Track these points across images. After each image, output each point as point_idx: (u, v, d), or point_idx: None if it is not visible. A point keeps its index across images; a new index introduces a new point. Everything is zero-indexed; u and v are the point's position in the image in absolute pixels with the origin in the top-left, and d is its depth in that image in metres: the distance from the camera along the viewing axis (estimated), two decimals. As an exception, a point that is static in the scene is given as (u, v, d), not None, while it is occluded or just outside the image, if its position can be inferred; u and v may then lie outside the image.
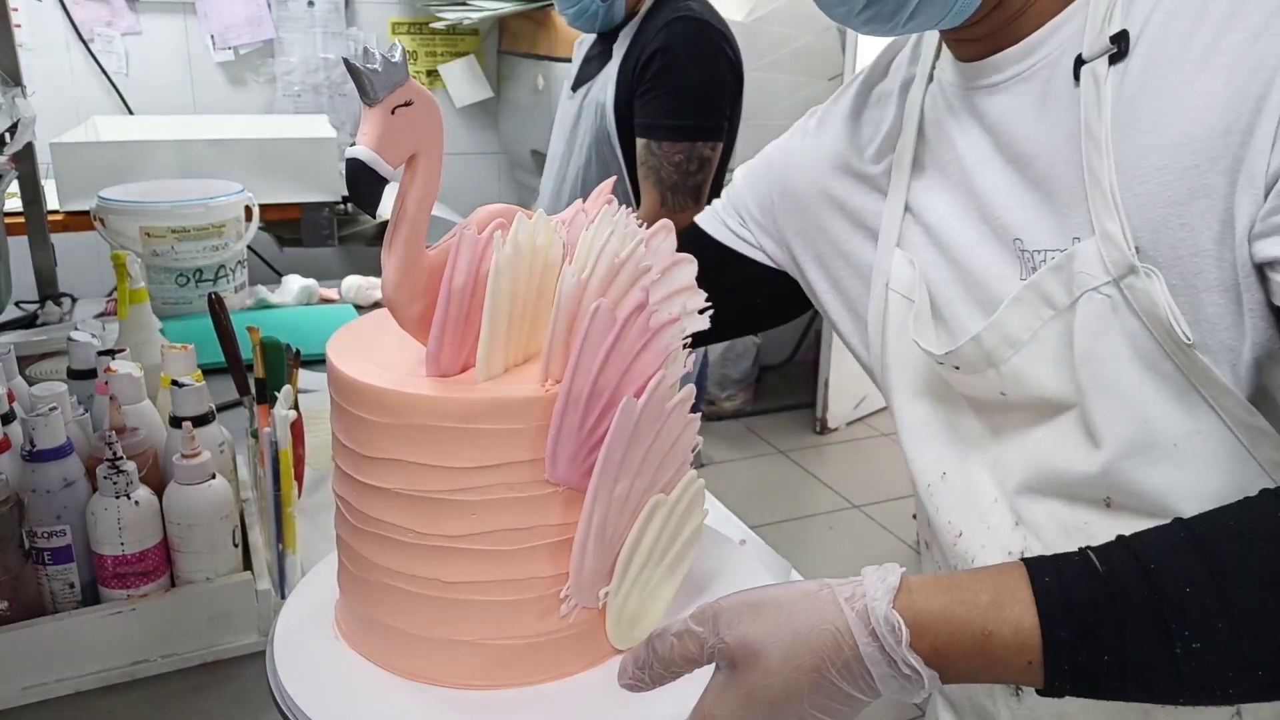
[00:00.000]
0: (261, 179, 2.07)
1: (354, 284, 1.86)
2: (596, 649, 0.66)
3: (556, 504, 0.61)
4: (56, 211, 2.03)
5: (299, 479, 1.03)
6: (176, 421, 0.91)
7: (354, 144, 0.57)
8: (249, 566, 0.91)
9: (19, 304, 1.79)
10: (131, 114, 2.90)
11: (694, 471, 0.68)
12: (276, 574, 0.91)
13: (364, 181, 0.56)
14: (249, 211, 1.81)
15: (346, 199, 2.30)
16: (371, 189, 0.57)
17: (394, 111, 0.57)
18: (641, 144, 1.75)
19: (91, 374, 1.07)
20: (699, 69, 1.72)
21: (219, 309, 1.12)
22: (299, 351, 1.05)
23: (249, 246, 1.85)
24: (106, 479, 0.82)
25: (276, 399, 0.92)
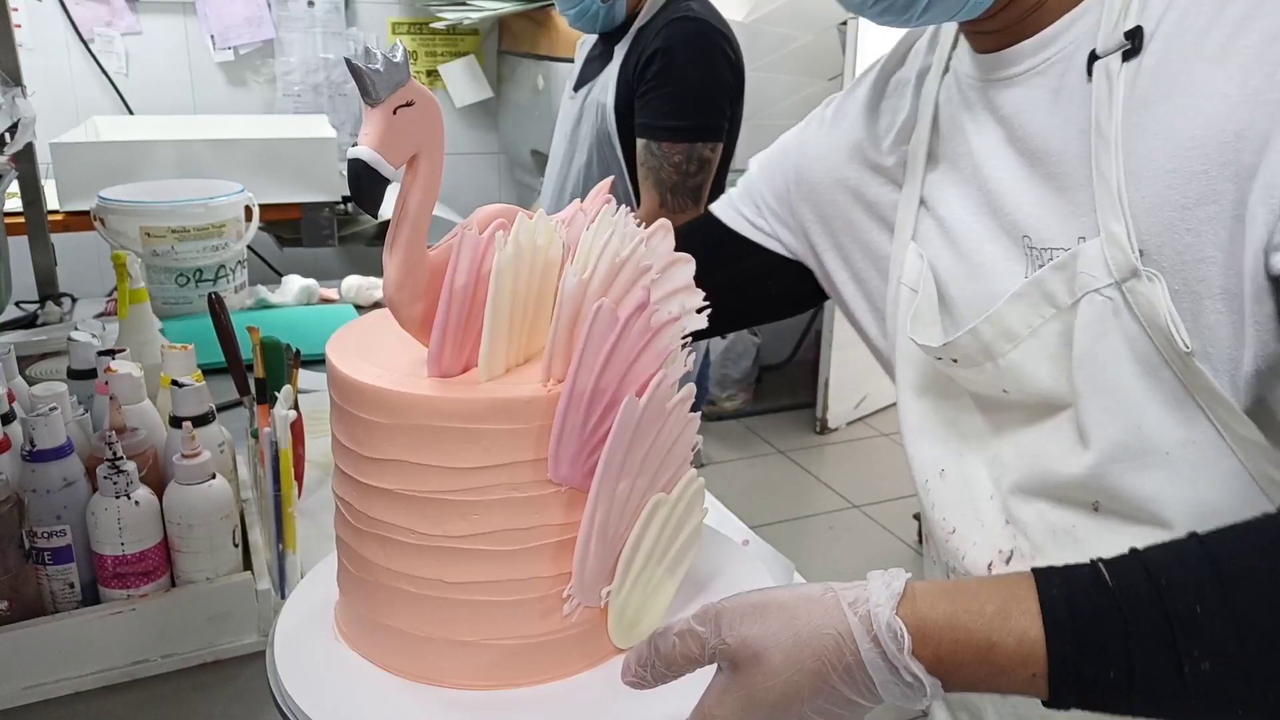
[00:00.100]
0: (261, 179, 2.07)
1: (354, 284, 1.86)
2: (598, 649, 0.66)
3: (558, 504, 0.61)
4: (56, 211, 2.03)
5: (299, 479, 1.03)
6: (176, 421, 0.91)
7: (355, 144, 0.57)
8: (249, 566, 0.91)
9: (19, 304, 1.79)
10: (131, 114, 2.90)
11: (694, 471, 0.68)
12: (276, 574, 0.91)
13: (366, 182, 0.56)
14: (249, 211, 1.81)
15: (347, 199, 2.30)
16: (373, 189, 0.57)
17: (396, 112, 0.56)
18: (641, 144, 1.75)
19: (91, 374, 1.07)
20: (699, 70, 1.72)
21: (219, 309, 1.12)
22: (299, 351, 1.05)
23: (249, 246, 1.84)
24: (106, 479, 0.82)
25: (276, 399, 0.92)
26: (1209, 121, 0.58)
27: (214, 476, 0.87)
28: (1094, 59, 0.64)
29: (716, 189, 1.83)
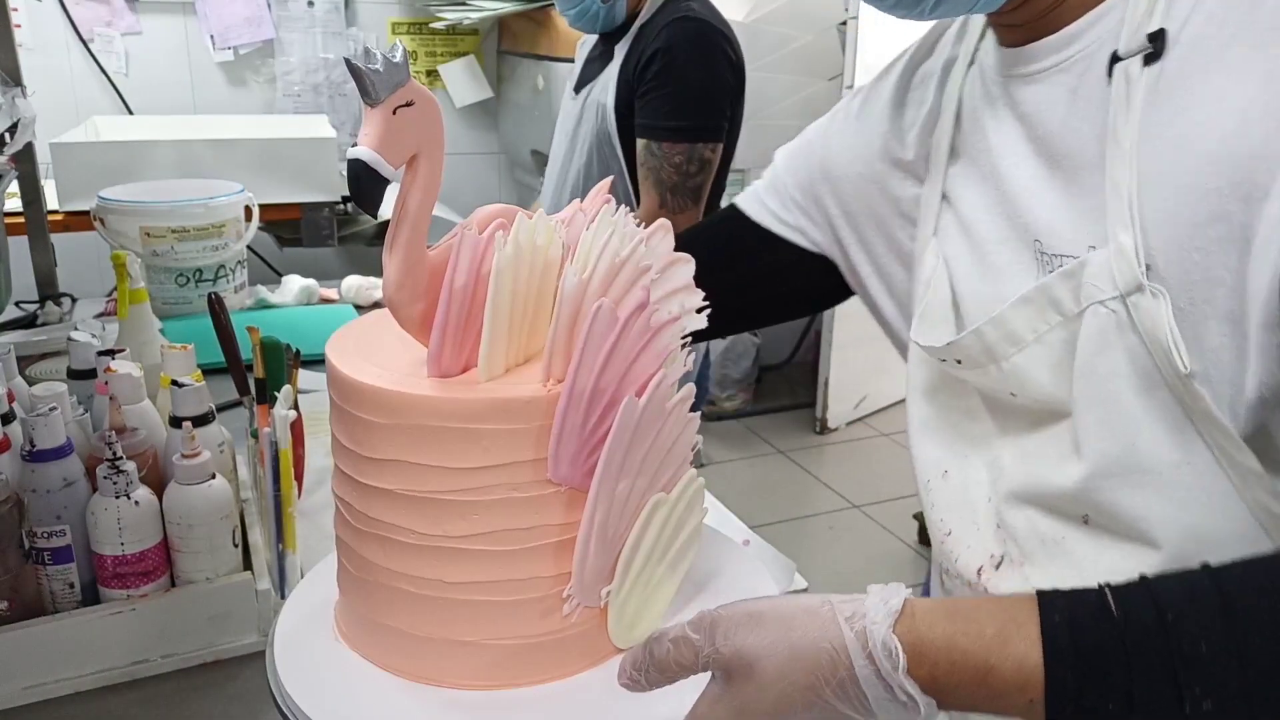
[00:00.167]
0: (261, 179, 2.07)
1: (354, 284, 1.86)
2: (598, 649, 0.66)
3: (558, 504, 0.61)
4: (56, 211, 2.03)
5: (299, 479, 1.03)
6: (176, 421, 0.91)
7: (355, 144, 0.57)
8: (249, 566, 0.91)
9: (19, 304, 1.79)
10: (131, 114, 2.90)
11: (694, 471, 0.68)
12: (276, 574, 0.91)
13: (365, 182, 0.56)
14: (249, 211, 1.81)
15: (346, 199, 2.30)
16: (373, 189, 0.57)
17: (395, 112, 0.56)
18: (641, 144, 1.75)
19: (91, 374, 1.07)
20: (699, 70, 1.72)
21: (219, 309, 1.12)
22: (299, 351, 1.05)
23: (249, 246, 1.85)
24: (106, 479, 0.82)
25: (276, 399, 0.92)
26: (1226, 138, 0.56)
27: (214, 476, 0.87)
28: (1115, 60, 0.62)
29: (716, 189, 1.83)
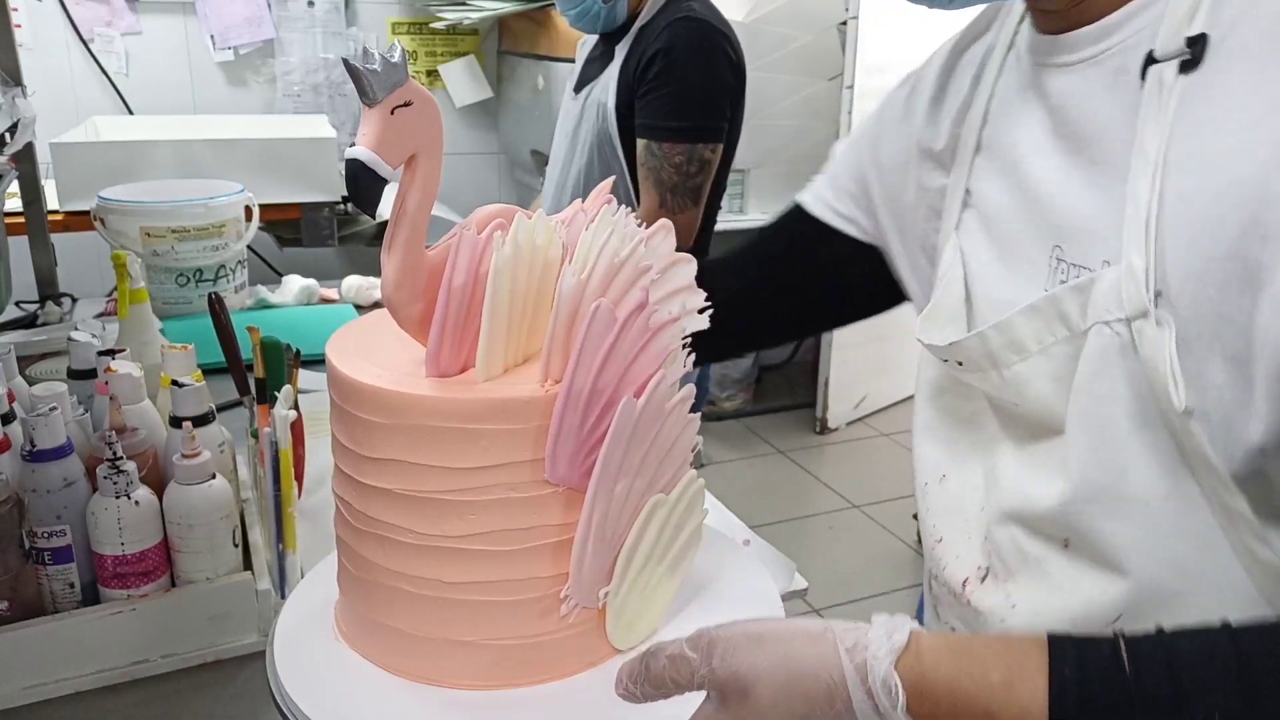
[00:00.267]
0: (261, 179, 2.07)
1: (354, 284, 1.86)
2: (596, 649, 0.66)
3: (556, 504, 0.61)
4: (56, 211, 2.03)
5: (299, 479, 1.03)
6: (176, 421, 0.91)
7: (354, 144, 0.57)
8: (249, 566, 0.91)
9: (19, 304, 1.79)
10: (131, 114, 2.90)
11: (694, 471, 0.68)
12: (276, 574, 0.91)
13: (364, 182, 0.56)
14: (249, 211, 1.81)
15: (346, 199, 2.30)
16: (371, 189, 0.57)
17: (393, 112, 0.57)
18: (642, 145, 1.75)
19: (91, 374, 1.07)
20: (700, 70, 1.72)
21: (219, 309, 1.13)
22: (299, 351, 1.05)
23: (249, 246, 1.85)
24: (106, 479, 0.82)
25: (276, 399, 0.92)
26: (1256, 168, 0.52)
27: (214, 476, 0.87)
28: (1150, 62, 0.58)
29: (717, 189, 1.83)
